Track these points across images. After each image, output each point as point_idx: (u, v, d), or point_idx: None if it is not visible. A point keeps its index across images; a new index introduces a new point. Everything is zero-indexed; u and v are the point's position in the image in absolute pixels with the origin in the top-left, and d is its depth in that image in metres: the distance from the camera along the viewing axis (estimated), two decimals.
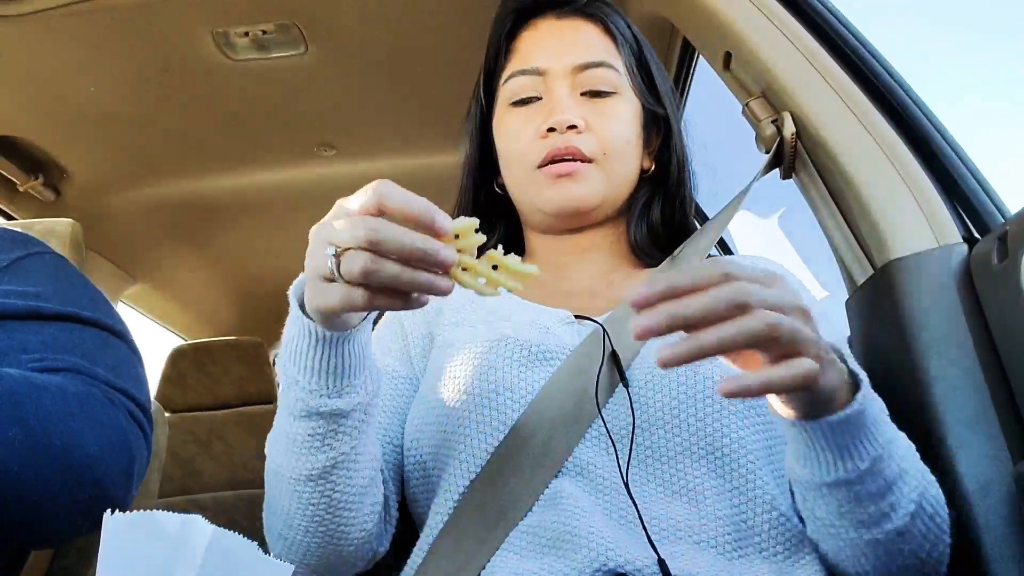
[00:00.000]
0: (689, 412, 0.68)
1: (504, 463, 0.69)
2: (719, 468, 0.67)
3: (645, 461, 0.68)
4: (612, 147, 0.82)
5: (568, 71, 0.84)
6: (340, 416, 0.63)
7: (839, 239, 0.90)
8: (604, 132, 0.82)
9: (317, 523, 0.67)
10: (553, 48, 0.85)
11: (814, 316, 0.53)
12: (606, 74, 0.84)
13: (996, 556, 0.67)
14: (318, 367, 0.61)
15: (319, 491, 0.65)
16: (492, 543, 0.66)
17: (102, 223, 2.01)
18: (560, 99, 0.82)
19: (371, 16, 1.44)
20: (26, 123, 1.69)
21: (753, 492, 0.66)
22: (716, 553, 0.63)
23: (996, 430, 0.71)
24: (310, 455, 0.64)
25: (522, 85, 0.85)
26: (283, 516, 0.68)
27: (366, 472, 0.68)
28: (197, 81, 1.59)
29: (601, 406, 0.69)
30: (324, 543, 0.68)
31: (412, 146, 1.90)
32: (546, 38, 0.87)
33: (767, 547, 0.65)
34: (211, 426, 2.55)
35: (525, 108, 0.85)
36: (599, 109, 0.83)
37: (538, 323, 0.78)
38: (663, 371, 0.69)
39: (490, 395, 0.72)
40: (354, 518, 0.68)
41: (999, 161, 1.70)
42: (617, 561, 0.61)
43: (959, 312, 0.75)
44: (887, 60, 0.90)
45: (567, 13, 0.88)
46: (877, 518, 0.60)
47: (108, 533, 0.57)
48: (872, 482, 0.58)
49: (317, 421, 0.63)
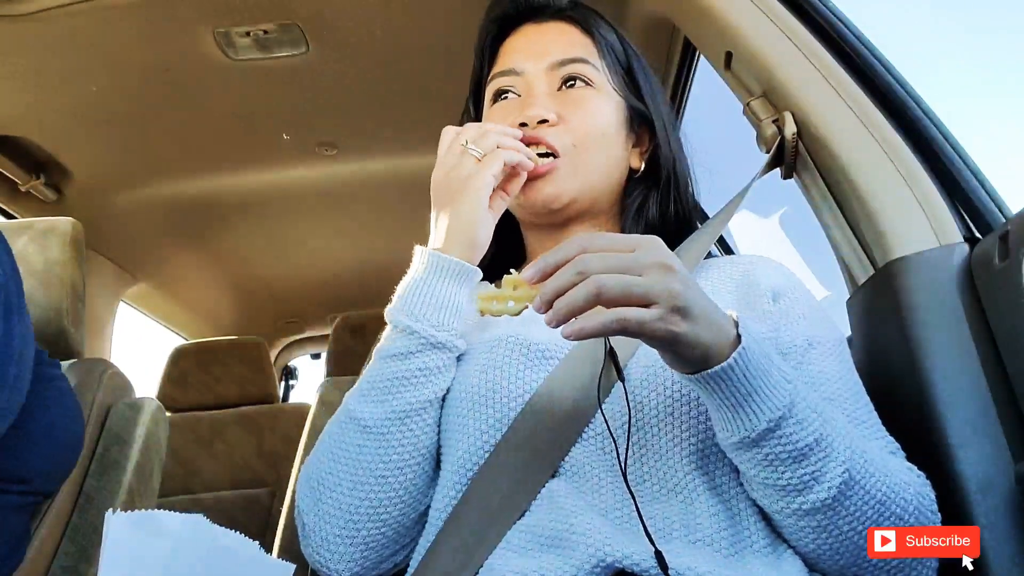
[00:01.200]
0: (683, 410, 0.69)
1: (502, 462, 0.69)
2: (708, 465, 0.68)
3: (640, 459, 0.68)
4: (585, 138, 0.82)
5: (544, 70, 0.86)
6: (450, 351, 0.74)
7: (840, 238, 0.90)
8: (577, 122, 0.83)
9: (396, 468, 0.72)
10: (532, 50, 0.88)
11: (678, 271, 0.58)
12: (582, 68, 0.86)
13: (997, 556, 0.67)
14: (447, 305, 0.74)
15: (408, 430, 0.72)
16: (490, 541, 0.66)
17: (103, 223, 2.02)
18: (535, 96, 0.84)
19: (372, 16, 1.44)
20: (27, 122, 1.69)
21: (738, 488, 0.67)
22: (712, 551, 0.64)
23: (997, 430, 0.71)
24: (415, 390, 0.72)
25: (502, 83, 0.88)
26: (354, 474, 0.72)
27: (440, 416, 0.75)
28: (198, 81, 1.59)
29: (601, 403, 0.70)
30: (394, 493, 0.72)
31: (413, 146, 1.90)
32: (525, 42, 0.89)
33: (755, 541, 0.66)
34: (212, 425, 2.56)
35: (503, 103, 0.87)
36: (573, 99, 0.84)
37: (536, 321, 0.78)
38: (658, 369, 0.70)
39: (489, 394, 0.72)
40: (428, 461, 0.74)
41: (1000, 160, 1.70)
42: (615, 556, 0.61)
43: (960, 312, 0.75)
44: (888, 59, 0.90)
45: (547, 18, 0.90)
46: (799, 486, 0.62)
47: (110, 532, 0.58)
48: (779, 445, 0.61)
49: (431, 354, 0.73)
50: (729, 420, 0.62)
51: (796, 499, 0.63)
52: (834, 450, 0.63)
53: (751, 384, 0.60)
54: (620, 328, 0.56)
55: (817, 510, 0.63)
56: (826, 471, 0.62)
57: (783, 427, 0.61)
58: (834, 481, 0.62)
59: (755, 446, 0.62)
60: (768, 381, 0.61)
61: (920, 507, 0.66)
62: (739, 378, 0.60)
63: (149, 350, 2.94)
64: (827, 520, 0.63)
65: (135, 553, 0.58)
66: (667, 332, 0.57)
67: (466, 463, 0.71)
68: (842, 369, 0.74)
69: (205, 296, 2.80)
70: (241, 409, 2.61)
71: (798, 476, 0.62)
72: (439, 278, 0.74)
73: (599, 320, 0.56)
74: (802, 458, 0.62)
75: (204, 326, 2.97)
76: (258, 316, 3.05)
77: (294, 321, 3.26)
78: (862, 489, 0.63)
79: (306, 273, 2.72)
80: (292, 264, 2.64)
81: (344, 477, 0.71)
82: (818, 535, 0.64)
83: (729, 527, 0.65)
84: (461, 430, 0.72)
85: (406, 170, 1.96)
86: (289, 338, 3.42)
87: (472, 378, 0.74)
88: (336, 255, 2.56)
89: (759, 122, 0.96)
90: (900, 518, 0.65)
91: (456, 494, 0.70)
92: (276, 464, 2.52)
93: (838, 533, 0.64)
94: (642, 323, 0.56)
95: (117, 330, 2.28)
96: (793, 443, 0.61)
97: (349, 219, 2.29)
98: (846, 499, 0.63)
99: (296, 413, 2.62)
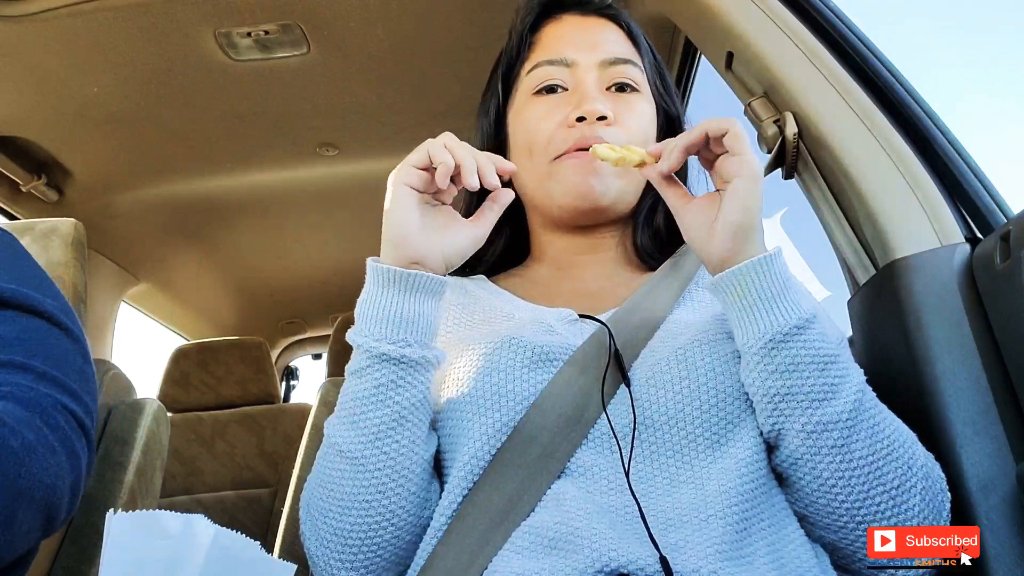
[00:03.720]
0: (693, 406, 0.69)
1: (507, 464, 0.69)
2: (724, 454, 0.68)
3: (651, 456, 0.68)
4: (635, 143, 0.81)
5: (596, 64, 0.84)
6: (400, 362, 0.69)
7: (841, 239, 0.90)
8: (631, 126, 0.83)
9: (377, 492, 0.69)
10: (582, 41, 0.86)
11: (759, 180, 0.67)
12: (632, 71, 0.85)
13: (997, 556, 0.67)
14: (389, 317, 0.70)
15: (382, 453, 0.69)
16: (495, 543, 0.66)
17: (105, 223, 2.02)
18: (589, 90, 0.82)
19: (373, 16, 1.44)
20: (29, 123, 1.69)
21: (756, 464, 0.68)
22: (724, 525, 0.64)
23: (998, 430, 0.71)
24: (378, 408, 0.69)
25: (548, 74, 0.85)
26: (339, 501, 0.70)
27: (423, 431, 0.72)
28: (199, 81, 1.59)
29: (605, 406, 0.70)
30: (381, 517, 0.69)
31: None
32: (573, 32, 0.87)
33: (764, 517, 0.67)
34: (214, 426, 2.56)
35: (551, 97, 0.84)
36: (626, 103, 0.84)
37: (541, 322, 0.78)
38: (662, 369, 0.71)
39: (494, 397, 0.72)
40: (412, 481, 0.70)
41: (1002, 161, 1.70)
42: (619, 561, 0.61)
43: (961, 312, 0.75)
44: (889, 60, 0.90)
45: (591, 11, 0.89)
46: (821, 395, 0.66)
47: (111, 532, 0.58)
48: (804, 348, 0.66)
49: (382, 368, 0.69)
50: (763, 316, 0.67)
51: (818, 410, 0.66)
52: (850, 372, 0.67)
53: (786, 282, 0.67)
54: (728, 127, 0.67)
55: (836, 424, 0.65)
56: (844, 385, 0.66)
57: (810, 329, 0.66)
58: (850, 396, 0.66)
59: (784, 345, 0.66)
60: (797, 289, 0.68)
61: (929, 473, 0.68)
62: (777, 273, 0.67)
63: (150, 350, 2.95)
64: (843, 439, 0.65)
65: (136, 553, 0.58)
66: (752, 172, 0.66)
67: (472, 466, 0.70)
68: None
69: (206, 296, 2.80)
70: (242, 409, 2.61)
71: (820, 383, 0.66)
72: (377, 287, 0.71)
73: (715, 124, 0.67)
74: (825, 366, 0.66)
75: (205, 326, 2.97)
76: (259, 316, 3.05)
77: (295, 321, 3.26)
78: (872, 419, 0.66)
79: (307, 273, 2.72)
80: (293, 264, 2.64)
81: (332, 504, 0.70)
82: (834, 457, 0.66)
83: (740, 500, 0.65)
84: (467, 432, 0.72)
85: None
86: (290, 338, 3.42)
87: (477, 380, 0.73)
88: (337, 255, 2.56)
89: (760, 122, 0.96)
90: (908, 467, 0.66)
91: (461, 496, 0.70)
92: (277, 464, 2.52)
93: (851, 459, 0.65)
94: (741, 139, 0.67)
95: (118, 331, 2.28)
96: (817, 348, 0.66)
97: (350, 219, 2.29)
98: (860, 419, 0.66)
99: (298, 413, 2.62)
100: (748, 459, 0.68)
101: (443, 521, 0.70)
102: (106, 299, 2.22)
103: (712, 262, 0.70)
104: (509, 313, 0.81)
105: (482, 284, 0.89)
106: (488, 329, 0.79)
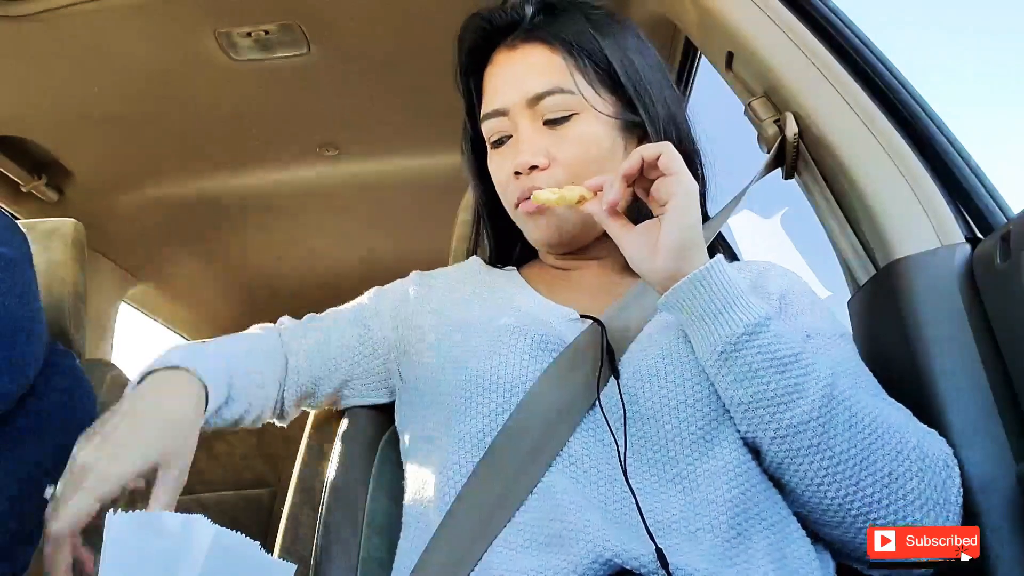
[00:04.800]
0: (679, 399, 0.70)
1: (499, 455, 0.70)
2: (711, 451, 0.68)
3: (639, 451, 0.69)
4: (580, 171, 0.80)
5: (525, 104, 0.82)
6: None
7: (841, 239, 0.90)
8: (568, 160, 0.81)
9: None
10: (510, 82, 0.84)
11: (693, 196, 0.68)
12: (560, 100, 0.81)
13: (997, 556, 0.67)
14: None
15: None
16: (487, 537, 0.67)
17: (105, 223, 2.01)
18: (523, 138, 0.82)
19: (374, 16, 1.44)
20: (29, 123, 1.69)
21: (745, 467, 0.68)
22: (712, 537, 0.64)
23: (999, 430, 0.71)
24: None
25: (493, 127, 0.86)
26: None
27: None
28: (199, 81, 1.59)
29: (599, 396, 0.71)
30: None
31: (414, 146, 1.90)
32: (502, 72, 0.86)
33: (765, 518, 0.67)
34: None
35: (501, 149, 0.86)
36: (561, 135, 0.81)
37: (541, 317, 0.80)
38: (650, 363, 0.72)
39: (494, 379, 0.73)
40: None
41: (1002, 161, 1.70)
42: (614, 553, 0.62)
43: (962, 312, 0.75)
44: (890, 60, 0.90)
45: (516, 42, 0.86)
46: (784, 398, 0.65)
47: (111, 532, 0.58)
48: (759, 353, 0.66)
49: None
50: (711, 327, 0.67)
51: (785, 414, 0.65)
52: (815, 368, 0.66)
53: (730, 290, 0.67)
54: (661, 149, 0.68)
55: (807, 424, 0.65)
56: (808, 383, 0.65)
57: (762, 333, 0.66)
58: (816, 393, 0.65)
59: (736, 353, 0.66)
60: (745, 299, 0.68)
61: (925, 452, 0.66)
62: (719, 282, 0.67)
63: (151, 350, 2.95)
64: (818, 438, 0.65)
65: (136, 553, 0.58)
66: (673, 226, 0.67)
67: (464, 461, 0.71)
68: (844, 355, 0.75)
69: (207, 297, 2.80)
70: None
71: (783, 386, 0.65)
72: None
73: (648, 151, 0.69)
74: (784, 368, 0.66)
75: (206, 327, 2.96)
76: (260, 317, 3.01)
77: None
78: (848, 411, 0.65)
79: (308, 274, 2.72)
80: (294, 265, 2.64)
81: None
82: (814, 457, 0.65)
83: (729, 511, 0.65)
84: (464, 412, 0.73)
85: (408, 170, 1.95)
86: None
87: (477, 361, 0.75)
88: (338, 256, 2.55)
89: (760, 122, 0.96)
90: (898, 451, 0.65)
91: (454, 493, 0.71)
92: (277, 464, 2.52)
93: (832, 455, 0.65)
94: (673, 159, 0.68)
95: (119, 331, 2.28)
96: (773, 351, 0.66)
97: (351, 220, 2.29)
98: (834, 414, 0.65)
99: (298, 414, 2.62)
100: (736, 462, 0.67)
101: (436, 518, 0.71)
102: (106, 299, 2.22)
103: (658, 282, 0.70)
104: (518, 305, 0.83)
105: (512, 276, 0.91)
106: (491, 315, 0.81)
